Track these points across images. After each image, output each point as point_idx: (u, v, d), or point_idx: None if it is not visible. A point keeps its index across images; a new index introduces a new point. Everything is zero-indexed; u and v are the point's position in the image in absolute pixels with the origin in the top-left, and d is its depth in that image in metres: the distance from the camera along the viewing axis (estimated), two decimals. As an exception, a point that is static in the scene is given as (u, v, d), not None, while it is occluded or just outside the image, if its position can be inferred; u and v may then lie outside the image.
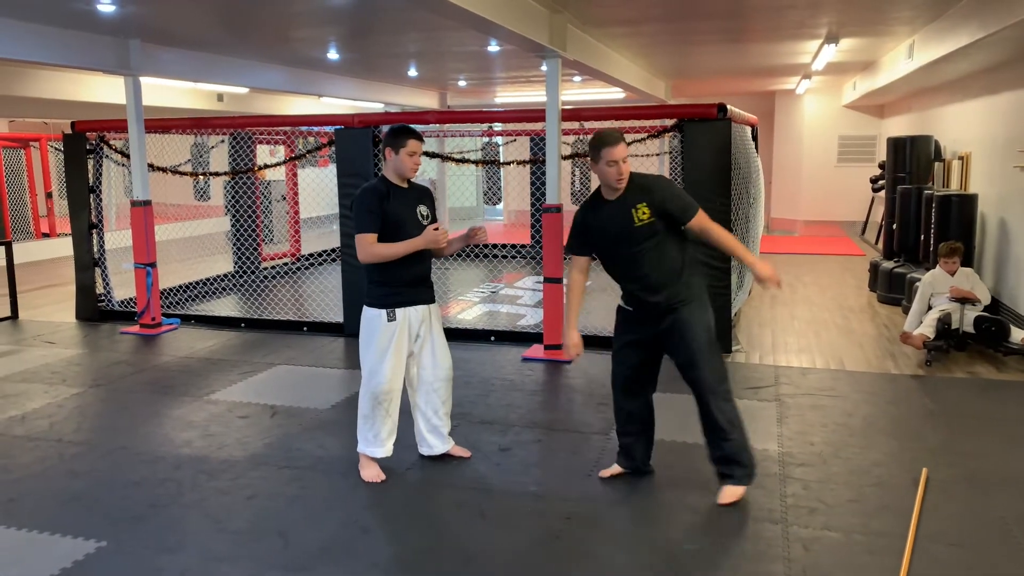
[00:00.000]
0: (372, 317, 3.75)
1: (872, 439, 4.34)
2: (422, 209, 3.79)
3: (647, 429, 3.79)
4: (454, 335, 6.79)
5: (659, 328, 3.51)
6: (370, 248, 3.64)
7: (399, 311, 3.73)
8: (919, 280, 6.46)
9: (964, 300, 5.94)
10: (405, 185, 3.78)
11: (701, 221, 3.46)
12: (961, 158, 8.32)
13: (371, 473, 3.87)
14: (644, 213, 3.40)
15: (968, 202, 7.21)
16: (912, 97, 11.38)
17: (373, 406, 3.79)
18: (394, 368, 3.75)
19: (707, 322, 3.52)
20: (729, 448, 3.49)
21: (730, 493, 3.51)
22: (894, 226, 8.48)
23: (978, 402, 5.04)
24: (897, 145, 9.12)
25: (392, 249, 3.64)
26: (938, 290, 6.17)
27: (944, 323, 5.84)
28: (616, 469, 3.84)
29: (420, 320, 3.81)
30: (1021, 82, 6.66)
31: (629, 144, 7.13)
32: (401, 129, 3.72)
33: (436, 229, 3.66)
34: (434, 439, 4.05)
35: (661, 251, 3.45)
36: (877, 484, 3.75)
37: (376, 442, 3.85)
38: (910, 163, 8.89)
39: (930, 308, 6.16)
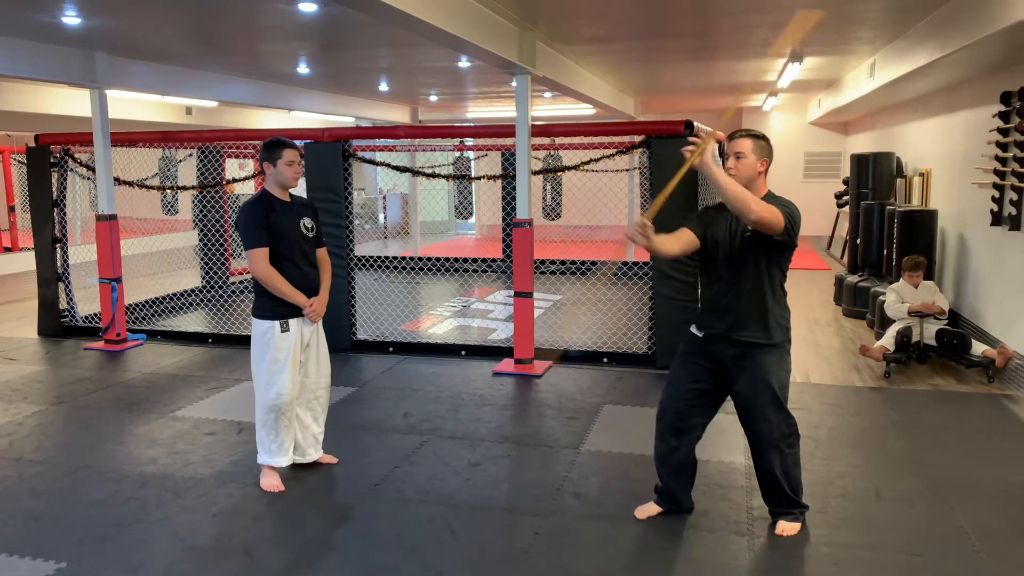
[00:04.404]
0: (265, 330, 3.86)
1: (837, 451, 4.41)
2: (306, 222, 3.92)
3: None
4: (425, 349, 6.79)
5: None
6: (264, 267, 3.76)
7: (292, 322, 3.85)
8: (883, 294, 6.58)
9: (925, 314, 6.07)
10: (287, 198, 3.90)
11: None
12: (922, 174, 8.51)
13: (272, 482, 3.93)
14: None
15: (929, 218, 7.37)
16: (875, 115, 11.63)
17: (276, 417, 3.88)
18: (293, 378, 3.88)
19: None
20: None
21: (788, 528, 3.43)
22: (858, 241, 8.64)
23: (940, 413, 5.14)
24: (860, 161, 9.31)
25: (280, 286, 3.78)
26: (904, 300, 6.29)
27: (904, 336, 5.96)
28: (654, 509, 3.59)
29: (311, 329, 3.97)
30: (978, 101, 6.84)
31: (598, 160, 7.08)
32: (274, 142, 3.85)
33: (311, 307, 3.86)
34: (310, 447, 4.16)
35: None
36: (842, 495, 3.81)
37: (280, 451, 3.93)
38: (873, 179, 9.07)
39: (890, 321, 6.29)
